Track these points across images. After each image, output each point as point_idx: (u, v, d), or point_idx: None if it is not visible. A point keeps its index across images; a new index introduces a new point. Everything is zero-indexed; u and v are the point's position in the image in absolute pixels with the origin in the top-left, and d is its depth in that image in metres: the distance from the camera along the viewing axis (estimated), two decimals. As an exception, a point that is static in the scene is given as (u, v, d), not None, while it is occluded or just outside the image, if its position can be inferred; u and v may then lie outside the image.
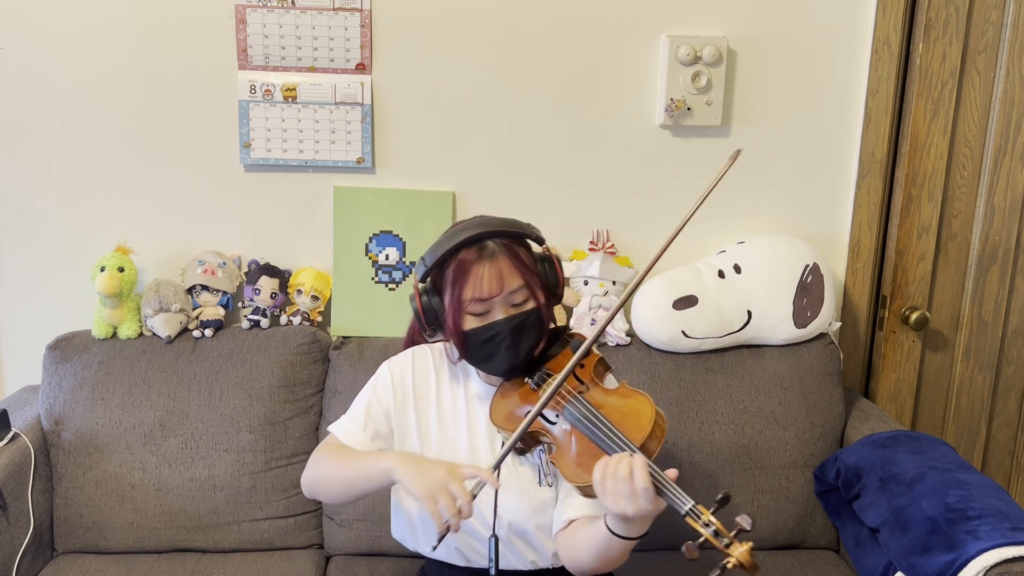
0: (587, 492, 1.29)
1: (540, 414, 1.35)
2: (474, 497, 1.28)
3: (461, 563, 1.52)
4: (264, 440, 1.94)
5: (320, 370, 2.02)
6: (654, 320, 2.00)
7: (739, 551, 1.12)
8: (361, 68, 2.07)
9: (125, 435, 1.93)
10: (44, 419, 1.96)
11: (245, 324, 2.05)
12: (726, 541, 1.14)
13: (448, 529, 1.26)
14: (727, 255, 2.10)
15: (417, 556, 1.84)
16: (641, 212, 2.18)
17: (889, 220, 2.22)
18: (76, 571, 1.87)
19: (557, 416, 1.38)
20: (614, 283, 2.10)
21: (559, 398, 1.38)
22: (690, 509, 1.17)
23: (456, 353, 1.49)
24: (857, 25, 2.11)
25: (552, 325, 1.48)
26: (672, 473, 1.21)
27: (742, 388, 2.00)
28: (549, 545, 1.48)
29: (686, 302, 2.01)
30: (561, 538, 1.43)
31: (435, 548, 1.33)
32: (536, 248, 1.48)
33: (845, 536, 1.93)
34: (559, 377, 1.34)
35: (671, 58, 2.07)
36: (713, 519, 1.15)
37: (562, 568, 1.50)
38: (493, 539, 1.37)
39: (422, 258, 1.46)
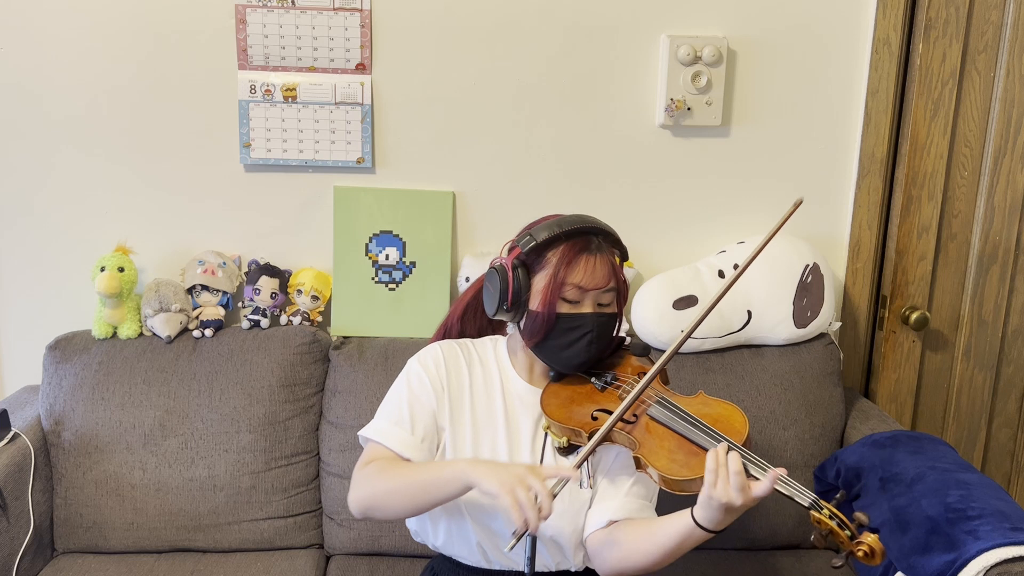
0: (679, 487, 1.30)
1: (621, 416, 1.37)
2: (554, 496, 1.25)
3: (483, 564, 1.49)
4: (264, 440, 1.94)
5: (320, 370, 2.02)
6: (654, 320, 2.00)
7: (870, 538, 1.17)
8: (361, 68, 2.07)
9: (125, 435, 1.93)
10: (44, 419, 1.96)
11: (245, 324, 2.05)
12: (849, 532, 1.19)
13: (527, 528, 1.20)
14: (727, 255, 2.10)
15: (418, 556, 1.83)
16: (641, 212, 2.18)
17: (889, 220, 2.22)
18: (76, 571, 1.87)
19: (635, 416, 1.39)
20: (614, 283, 2.10)
21: (641, 399, 1.40)
22: (813, 502, 1.21)
23: (510, 338, 1.52)
24: (857, 25, 2.11)
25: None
26: (781, 471, 1.24)
27: (742, 388, 2.00)
28: (577, 547, 1.47)
29: (686, 302, 2.01)
30: (600, 539, 1.42)
31: (511, 548, 1.27)
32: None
33: (845, 536, 1.93)
34: (651, 371, 1.37)
35: (671, 58, 2.07)
36: (837, 512, 1.20)
37: (587, 571, 1.49)
38: (531, 538, 1.35)
39: (529, 233, 1.43)
